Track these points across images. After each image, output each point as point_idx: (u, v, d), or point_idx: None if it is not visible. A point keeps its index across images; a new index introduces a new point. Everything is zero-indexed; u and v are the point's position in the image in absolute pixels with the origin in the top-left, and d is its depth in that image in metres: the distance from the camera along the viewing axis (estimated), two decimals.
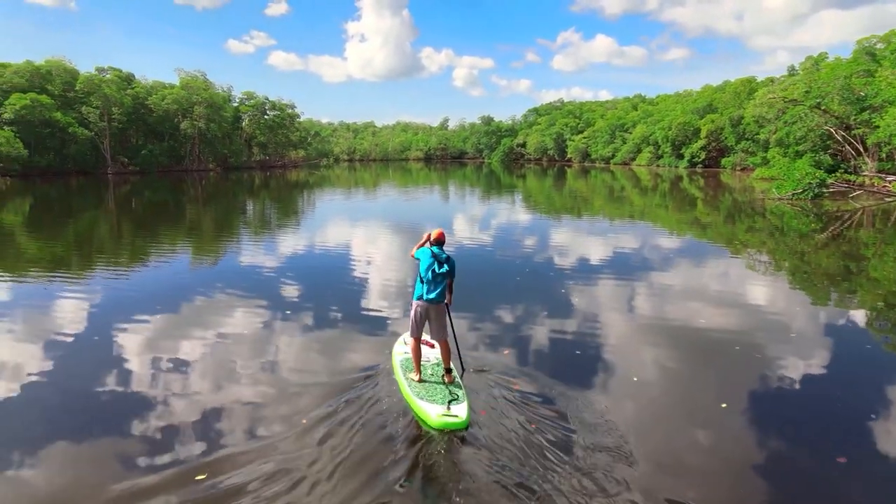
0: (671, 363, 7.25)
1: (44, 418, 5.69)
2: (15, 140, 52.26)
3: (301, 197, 37.97)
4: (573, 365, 7.15)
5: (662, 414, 5.85)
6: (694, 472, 4.76)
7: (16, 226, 21.88)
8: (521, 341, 7.94)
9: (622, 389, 6.40)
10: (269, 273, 12.74)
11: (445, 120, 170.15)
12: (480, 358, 7.15)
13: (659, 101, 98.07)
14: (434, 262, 6.11)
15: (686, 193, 37.48)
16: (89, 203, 32.56)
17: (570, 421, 5.45)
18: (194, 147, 73.21)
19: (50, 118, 56.10)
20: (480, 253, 15.49)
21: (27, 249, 16.47)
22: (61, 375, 6.78)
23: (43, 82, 59.74)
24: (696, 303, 10.08)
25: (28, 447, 5.08)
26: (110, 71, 68.93)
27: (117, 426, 5.45)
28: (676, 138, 71.53)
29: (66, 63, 63.57)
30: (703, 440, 5.29)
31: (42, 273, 12.94)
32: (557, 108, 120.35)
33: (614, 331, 8.47)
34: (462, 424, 5.33)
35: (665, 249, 16.04)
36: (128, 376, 6.67)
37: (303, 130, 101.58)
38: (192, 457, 4.85)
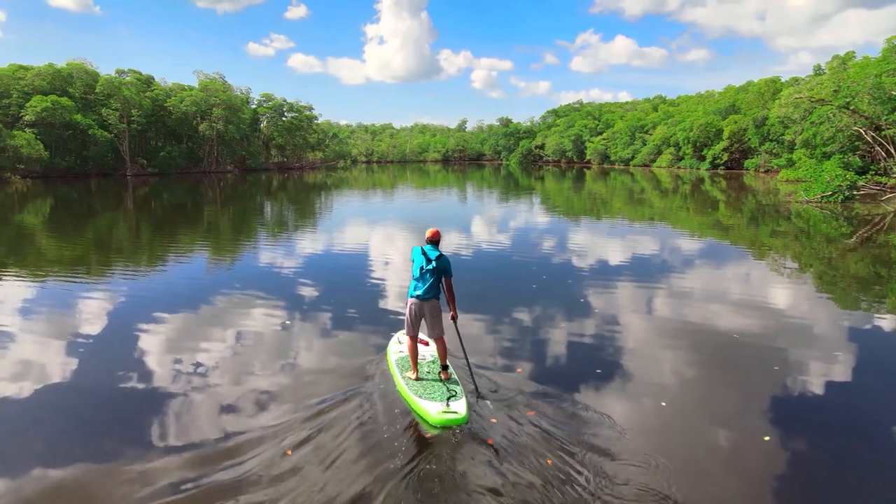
0: (703, 386, 6.56)
1: (67, 412, 5.83)
2: (36, 142, 53.06)
3: (318, 198, 37.88)
4: (593, 384, 6.56)
5: (698, 451, 5.07)
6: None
7: (37, 227, 22.00)
8: (537, 355, 7.45)
9: (649, 416, 5.71)
10: (284, 274, 12.73)
11: (463, 121, 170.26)
12: (492, 372, 6.67)
13: (680, 101, 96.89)
14: (423, 260, 6.17)
15: (708, 196, 36.67)
16: (109, 204, 32.77)
17: (589, 460, 4.77)
18: (212, 149, 73.84)
19: (70, 120, 56.89)
20: (497, 256, 15.10)
21: (48, 250, 16.51)
22: (83, 372, 6.86)
23: (64, 85, 60.63)
24: (722, 311, 9.57)
25: (54, 439, 5.26)
26: (130, 73, 69.82)
27: (137, 419, 5.61)
28: (698, 139, 70.40)
29: (86, 66, 64.54)
30: (743, 477, 4.73)
31: (63, 273, 12.96)
32: (576, 109, 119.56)
33: (638, 345, 7.88)
34: (462, 420, 5.38)
35: (686, 253, 15.51)
36: (146, 373, 6.78)
37: (320, 132, 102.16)
38: (201, 445, 5.03)
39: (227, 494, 4.29)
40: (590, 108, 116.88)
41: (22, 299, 10.36)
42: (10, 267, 13.81)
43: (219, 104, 71.71)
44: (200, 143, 73.47)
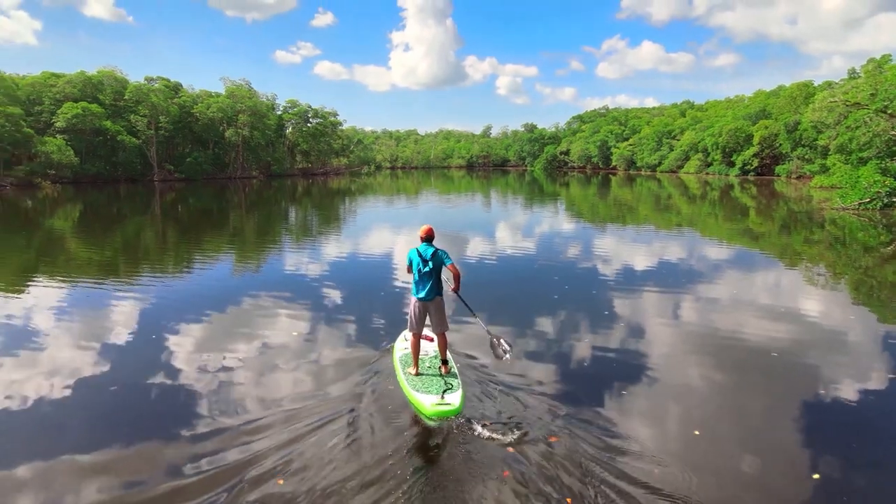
0: (741, 413, 5.91)
1: (98, 407, 6.09)
2: (66, 148, 54.39)
3: (343, 204, 38.04)
4: (620, 406, 6.12)
5: (736, 490, 4.58)
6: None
7: (67, 231, 22.41)
8: (559, 373, 7.04)
9: (680, 444, 5.22)
10: (308, 278, 12.86)
11: (488, 127, 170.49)
12: (512, 390, 6.31)
13: (708, 107, 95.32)
14: (420, 262, 6.32)
15: (738, 202, 35.81)
16: (137, 209, 33.34)
17: (616, 492, 4.45)
18: (238, 154, 74.87)
19: (100, 126, 58.17)
20: (519, 264, 14.84)
21: (78, 254, 16.80)
22: (114, 373, 7.01)
23: (95, 92, 62.12)
24: (756, 325, 9.07)
25: (85, 430, 5.56)
26: (159, 80, 71.24)
27: (162, 413, 5.90)
28: (727, 145, 69.02)
29: (116, 73, 66.03)
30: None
31: (93, 277, 13.13)
32: (602, 115, 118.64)
33: (667, 363, 7.40)
34: (455, 411, 5.58)
35: (716, 262, 15.01)
36: (174, 374, 6.96)
37: (345, 138, 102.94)
38: (224, 435, 5.32)
39: (241, 472, 4.68)
40: (616, 113, 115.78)
41: (55, 301, 10.53)
42: (43, 270, 14.09)
43: (245, 110, 72.72)
44: (226, 149, 74.60)
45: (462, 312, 7.64)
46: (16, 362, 7.32)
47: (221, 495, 4.36)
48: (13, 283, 12.53)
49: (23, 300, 10.79)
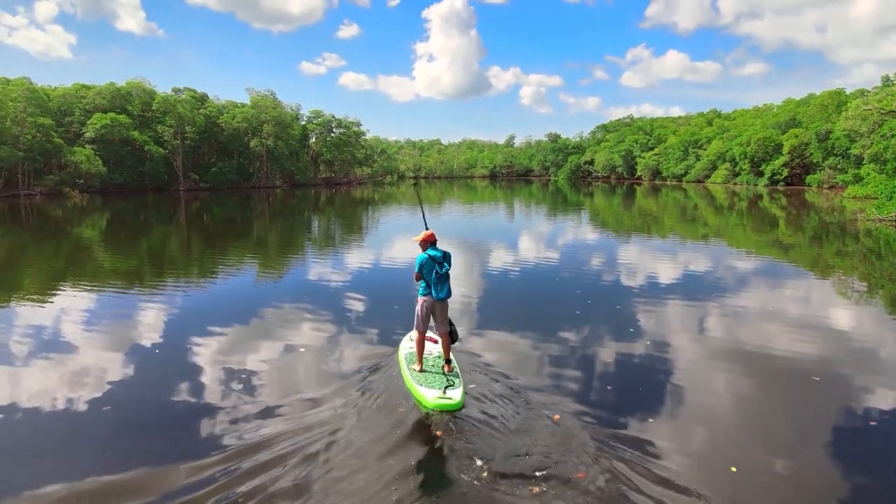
0: (786, 450, 5.33)
1: (123, 413, 6.18)
2: (95, 158, 55.75)
3: (366, 213, 38.19)
4: (649, 433, 5.78)
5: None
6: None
7: (94, 240, 22.84)
8: (582, 395, 6.69)
9: (718, 482, 4.76)
10: (327, 285, 13.14)
11: (511, 137, 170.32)
12: (530, 412, 6.08)
13: (736, 115, 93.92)
14: (435, 266, 6.60)
15: (766, 213, 35.05)
16: (162, 218, 33.90)
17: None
18: (262, 164, 75.92)
19: (128, 137, 59.55)
20: (542, 276, 14.63)
21: (105, 262, 17.13)
22: (138, 378, 7.24)
23: (123, 103, 63.70)
24: (792, 343, 8.75)
25: (112, 435, 5.66)
26: (185, 91, 72.75)
27: (183, 421, 5.99)
28: (756, 154, 67.83)
29: (144, 84, 67.64)
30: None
31: (119, 285, 13.32)
32: (627, 124, 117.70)
33: (699, 387, 6.99)
34: (456, 406, 5.83)
35: (744, 274, 14.60)
36: (195, 379, 7.14)
37: (368, 148, 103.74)
38: (240, 430, 5.62)
39: (260, 466, 4.91)
40: (641, 122, 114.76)
41: (82, 309, 10.69)
42: (71, 278, 14.33)
43: (269, 120, 73.84)
44: (251, 159, 75.71)
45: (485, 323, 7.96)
46: (47, 365, 7.54)
47: (234, 482, 4.62)
48: (43, 290, 12.76)
49: (52, 307, 10.97)
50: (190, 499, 4.42)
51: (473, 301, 11.50)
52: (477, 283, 13.52)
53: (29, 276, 14.99)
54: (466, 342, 8.35)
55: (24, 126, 51.24)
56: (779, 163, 64.30)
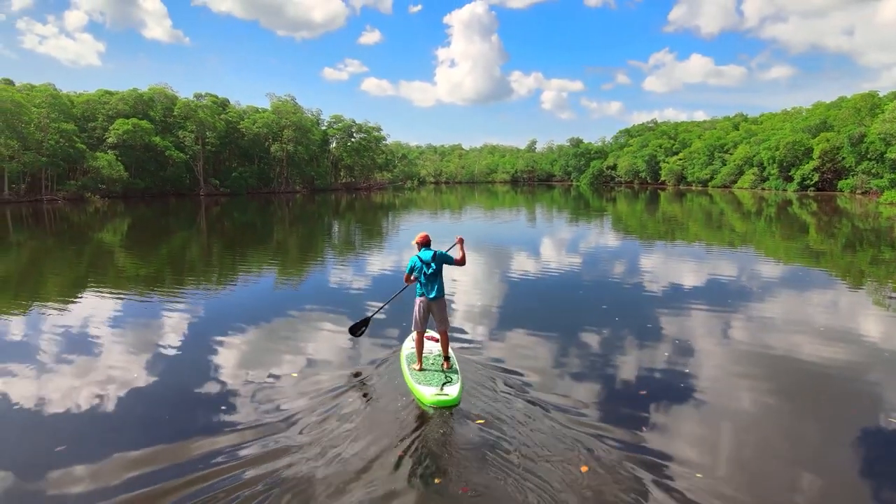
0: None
1: (145, 411, 6.39)
2: (117, 163, 56.55)
3: (386, 219, 38.12)
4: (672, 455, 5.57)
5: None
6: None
7: (115, 244, 23.07)
8: (605, 409, 6.49)
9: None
10: (344, 289, 13.23)
11: (533, 142, 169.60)
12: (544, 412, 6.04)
13: (763, 119, 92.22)
14: (423, 266, 6.91)
15: (796, 219, 34.14)
16: (183, 224, 34.22)
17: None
18: (282, 169, 76.53)
19: (149, 142, 60.30)
20: (564, 289, 14.21)
21: (127, 267, 17.31)
22: (159, 378, 7.41)
23: (146, 108, 64.58)
24: (829, 359, 8.39)
25: (135, 431, 5.86)
26: (207, 97, 73.64)
27: (203, 415, 6.27)
28: (785, 159, 66.48)
29: (167, 90, 68.55)
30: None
31: (140, 289, 13.46)
32: (650, 128, 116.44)
33: (727, 409, 6.50)
34: (452, 401, 6.12)
35: (774, 282, 14.08)
36: (213, 376, 7.44)
37: (388, 153, 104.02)
38: (240, 424, 5.88)
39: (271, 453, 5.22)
40: (665, 127, 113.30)
41: (103, 313, 10.84)
42: (93, 282, 14.57)
43: (289, 125, 74.38)
44: (271, 164, 76.34)
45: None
46: (69, 369, 7.67)
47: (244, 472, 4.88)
48: (66, 294, 13.02)
49: (75, 311, 11.13)
50: (204, 487, 4.63)
51: (490, 305, 11.48)
52: (496, 288, 13.44)
53: (52, 279, 15.17)
54: (484, 345, 8.53)
55: (47, 132, 52.24)
56: (809, 167, 62.90)
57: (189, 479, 4.75)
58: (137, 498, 4.55)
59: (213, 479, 4.75)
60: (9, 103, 48.97)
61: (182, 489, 4.61)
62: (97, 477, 4.89)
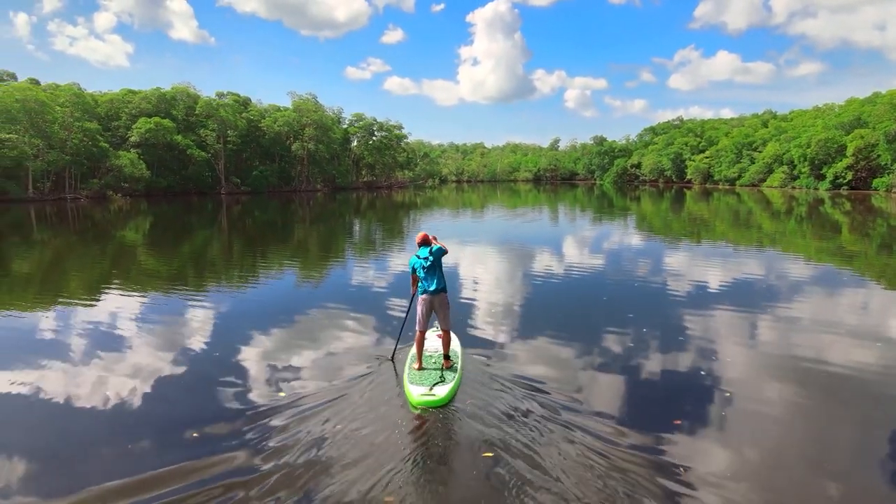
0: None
1: (170, 403, 6.65)
2: (139, 162, 57.37)
3: (407, 217, 37.99)
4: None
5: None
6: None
7: (137, 242, 23.34)
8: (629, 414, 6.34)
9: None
10: (372, 291, 12.95)
11: (556, 140, 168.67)
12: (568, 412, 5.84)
13: (793, 116, 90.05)
14: (422, 262, 7.01)
15: (828, 218, 33.19)
16: (202, 222, 34.52)
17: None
18: (303, 168, 76.93)
19: (171, 141, 61.01)
20: (587, 295, 13.86)
21: (148, 265, 17.52)
22: (182, 373, 7.59)
23: (168, 108, 65.40)
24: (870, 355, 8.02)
25: (160, 421, 6.10)
26: (229, 95, 74.32)
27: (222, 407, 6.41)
28: (816, 157, 64.84)
29: (189, 89, 69.33)
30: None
31: (163, 287, 13.60)
32: (676, 126, 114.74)
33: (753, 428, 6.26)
34: (439, 402, 6.01)
35: (805, 282, 13.58)
36: (230, 370, 7.61)
37: (409, 151, 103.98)
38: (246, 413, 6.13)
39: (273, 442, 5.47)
40: (691, 124, 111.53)
41: (127, 310, 11.01)
42: (116, 280, 14.70)
43: (310, 124, 74.65)
44: (292, 163, 76.78)
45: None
46: (90, 364, 7.86)
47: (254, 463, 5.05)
48: (90, 291, 13.24)
49: (98, 308, 11.31)
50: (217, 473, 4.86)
51: (507, 306, 11.28)
52: (516, 288, 13.27)
53: (76, 277, 15.41)
54: (497, 348, 8.39)
55: (71, 131, 53.13)
56: (842, 165, 61.26)
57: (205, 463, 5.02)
58: (155, 477, 4.78)
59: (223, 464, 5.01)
60: (33, 102, 49.95)
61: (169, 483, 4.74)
62: (120, 467, 5.04)
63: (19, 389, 6.91)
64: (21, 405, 6.50)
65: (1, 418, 6.21)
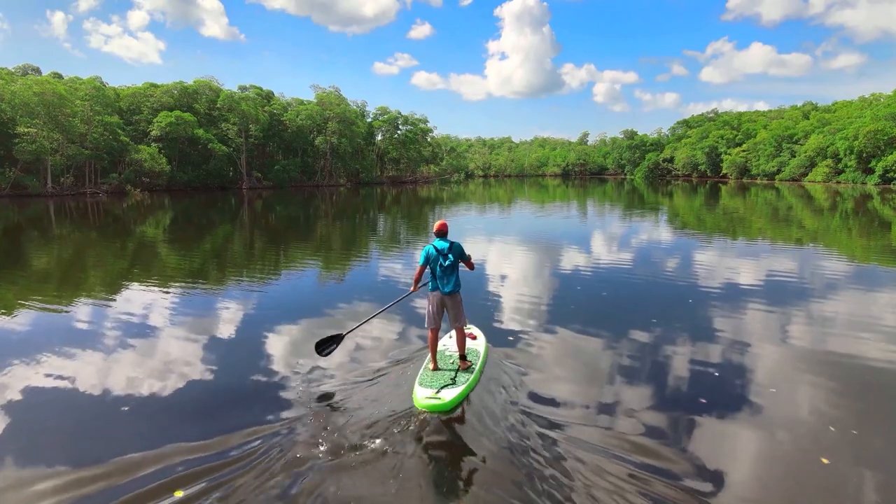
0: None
1: (187, 398, 6.64)
2: (159, 156, 57.72)
3: (432, 213, 37.35)
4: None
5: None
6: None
7: (158, 238, 23.28)
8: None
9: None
10: (395, 287, 12.60)
11: (585, 135, 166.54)
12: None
13: (837, 107, 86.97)
14: (438, 257, 6.49)
15: (876, 215, 31.65)
16: (223, 217, 34.38)
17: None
18: (326, 162, 76.86)
19: (192, 135, 61.26)
20: (614, 279, 13.36)
21: (169, 260, 17.45)
22: (204, 368, 7.58)
23: (190, 101, 65.82)
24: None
25: (181, 416, 6.13)
26: (252, 89, 74.48)
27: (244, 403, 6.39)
28: (865, 149, 62.25)
29: (212, 83, 69.62)
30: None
31: (182, 282, 13.55)
32: (710, 119, 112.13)
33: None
34: (441, 407, 5.65)
35: (851, 283, 12.68)
36: (247, 364, 7.67)
37: (435, 145, 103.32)
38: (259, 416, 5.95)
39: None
40: (727, 117, 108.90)
41: (145, 307, 10.90)
42: (130, 276, 14.77)
43: (333, 117, 74.42)
44: (315, 157, 76.76)
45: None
46: (120, 357, 7.93)
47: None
48: (108, 287, 13.28)
49: (117, 305, 11.21)
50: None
51: (538, 304, 11.00)
52: (541, 284, 12.93)
53: (94, 273, 15.39)
54: (520, 348, 8.07)
55: (91, 125, 53.44)
56: (893, 158, 58.84)
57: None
58: (176, 480, 4.69)
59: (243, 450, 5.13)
60: (52, 96, 50.13)
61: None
62: (148, 461, 5.03)
63: (45, 382, 6.97)
64: (43, 399, 6.53)
65: (21, 412, 6.22)
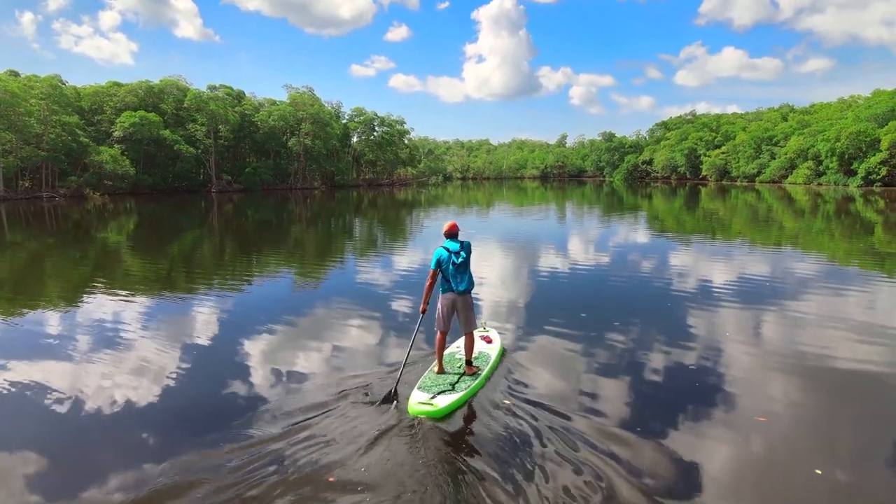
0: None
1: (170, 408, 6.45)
2: (122, 158, 55.75)
3: (409, 217, 36.73)
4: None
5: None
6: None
7: (120, 245, 22.25)
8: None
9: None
10: (371, 289, 12.75)
11: (563, 137, 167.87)
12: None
13: (816, 109, 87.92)
14: (451, 256, 6.47)
15: (859, 217, 31.51)
16: (192, 222, 33.35)
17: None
18: (300, 165, 75.41)
19: (157, 136, 59.36)
20: (594, 280, 12.75)
21: (132, 267, 16.83)
22: (182, 376, 7.41)
23: (156, 101, 64.03)
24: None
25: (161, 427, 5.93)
26: (221, 88, 72.69)
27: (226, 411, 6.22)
28: (846, 151, 62.60)
29: (179, 82, 67.83)
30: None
31: (152, 292, 13.07)
32: (689, 121, 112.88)
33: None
34: (434, 413, 5.58)
35: (832, 286, 12.08)
36: (233, 373, 7.44)
37: (412, 147, 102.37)
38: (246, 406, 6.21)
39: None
40: (705, 119, 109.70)
41: (107, 316, 10.48)
42: (90, 284, 14.12)
43: (307, 118, 73.05)
44: (288, 159, 75.28)
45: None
46: (77, 370, 7.60)
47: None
48: (67, 297, 12.65)
49: (77, 314, 10.83)
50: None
51: (532, 303, 11.13)
52: (520, 287, 12.88)
53: (51, 282, 14.73)
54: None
55: (48, 125, 51.50)
56: (875, 160, 59.08)
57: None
58: (158, 494, 4.58)
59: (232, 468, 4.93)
60: (3, 94, 48.20)
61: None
62: (121, 471, 4.98)
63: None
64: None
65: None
